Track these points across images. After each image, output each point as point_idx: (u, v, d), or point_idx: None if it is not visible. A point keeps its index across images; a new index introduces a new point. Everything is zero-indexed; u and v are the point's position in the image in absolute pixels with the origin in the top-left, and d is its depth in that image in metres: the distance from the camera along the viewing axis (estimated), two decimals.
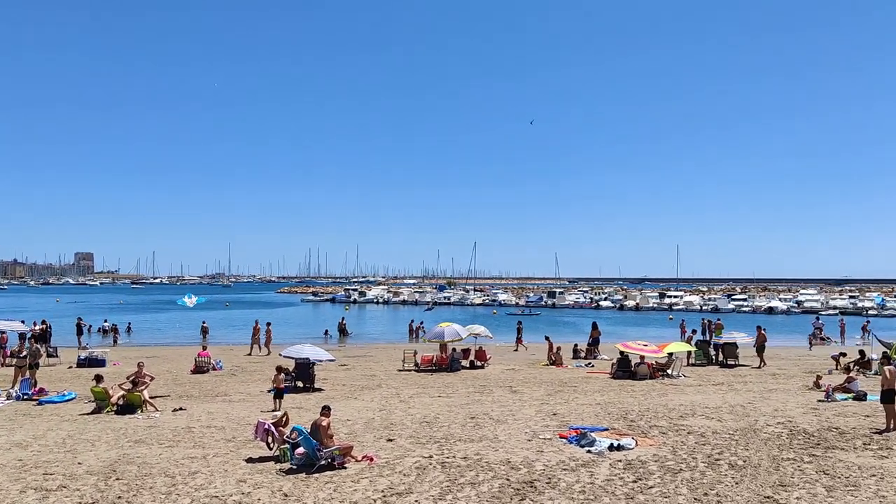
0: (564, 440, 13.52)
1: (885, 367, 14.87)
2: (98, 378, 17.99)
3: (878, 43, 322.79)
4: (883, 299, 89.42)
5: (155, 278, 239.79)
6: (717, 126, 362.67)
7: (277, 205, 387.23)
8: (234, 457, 12.30)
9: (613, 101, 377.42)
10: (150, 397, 17.82)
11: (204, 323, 43.85)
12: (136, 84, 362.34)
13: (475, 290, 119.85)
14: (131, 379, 18.27)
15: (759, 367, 26.79)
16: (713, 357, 29.08)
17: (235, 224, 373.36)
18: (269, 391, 20.81)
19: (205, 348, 28.66)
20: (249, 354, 32.68)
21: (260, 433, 12.59)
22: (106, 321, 46.97)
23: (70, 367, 27.35)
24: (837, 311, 74.51)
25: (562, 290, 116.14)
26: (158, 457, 12.30)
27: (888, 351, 25.94)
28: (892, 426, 14.28)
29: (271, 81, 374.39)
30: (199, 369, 25.89)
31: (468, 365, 27.61)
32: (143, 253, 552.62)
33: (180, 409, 17.55)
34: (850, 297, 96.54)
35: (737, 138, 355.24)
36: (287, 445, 11.94)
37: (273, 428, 12.54)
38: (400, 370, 26.55)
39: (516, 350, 36.20)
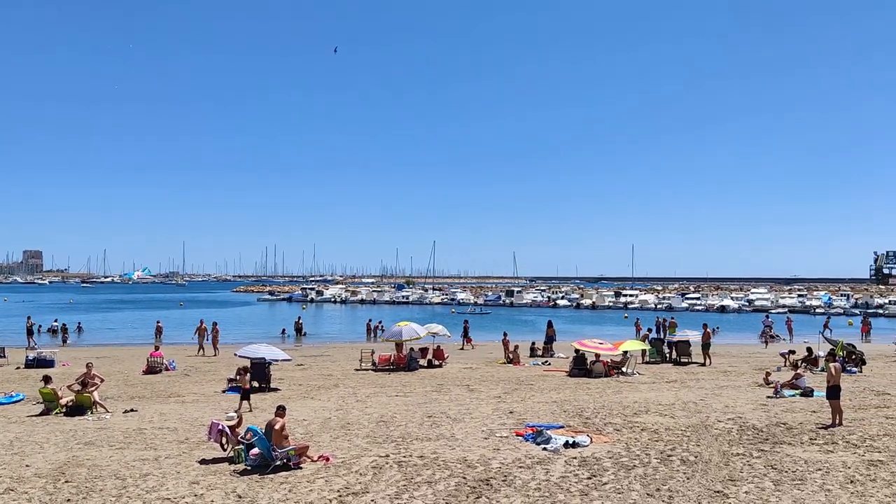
0: (521, 438, 13.63)
1: (831, 364, 15.33)
2: (46, 379, 17.56)
3: (820, 49, 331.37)
4: (830, 298, 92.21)
5: (106, 277, 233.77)
6: (673, 129, 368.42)
7: (233, 203, 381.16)
8: (187, 458, 12.13)
9: (573, 104, 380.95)
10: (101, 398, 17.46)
11: (158, 322, 43.04)
12: (88, 80, 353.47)
13: (434, 289, 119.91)
14: (80, 380, 17.89)
15: (705, 365, 27.32)
16: (667, 355, 29.58)
17: (190, 222, 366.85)
18: (223, 391, 20.60)
19: (157, 348, 28.14)
20: (201, 354, 32.06)
21: (214, 434, 12.43)
22: (56, 321, 45.78)
23: (18, 368, 26.62)
24: (787, 310, 76.32)
25: (520, 289, 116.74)
26: (109, 459, 12.07)
27: (834, 348, 26.77)
28: (837, 421, 14.71)
29: (227, 79, 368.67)
30: (151, 370, 25.40)
31: (426, 364, 27.61)
32: (94, 251, 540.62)
33: (131, 410, 17.22)
34: (799, 295, 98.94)
35: (690, 142, 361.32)
36: (241, 446, 11.81)
37: (227, 428, 12.39)
38: (357, 369, 26.44)
39: (462, 348, 36.18)
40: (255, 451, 11.56)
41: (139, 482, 10.57)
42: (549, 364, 28.48)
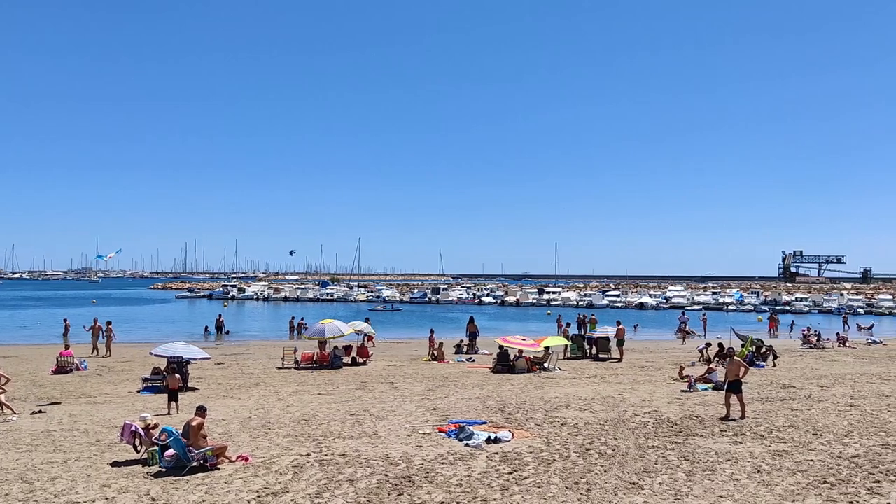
0: (443, 434, 13.69)
1: (736, 359, 15.99)
2: None
3: (719, 60, 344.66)
4: (741, 295, 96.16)
5: (14, 273, 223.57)
6: (595, 137, 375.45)
7: (151, 198, 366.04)
8: (98, 461, 11.70)
9: (496, 111, 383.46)
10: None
11: (66, 320, 41.27)
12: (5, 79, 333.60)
13: (359, 286, 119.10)
14: None
15: (619, 360, 28.03)
16: (587, 351, 30.22)
17: (103, 217, 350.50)
18: (138, 391, 19.98)
19: (68, 347, 27.02)
20: (95, 354, 30.33)
21: (126, 435, 12.03)
22: None
23: None
24: (702, 307, 79.14)
25: (446, 286, 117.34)
26: (15, 462, 11.54)
27: (744, 343, 27.91)
28: (741, 414, 15.32)
29: (146, 79, 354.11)
30: (61, 369, 24.38)
31: (350, 362, 27.43)
32: (2, 246, 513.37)
33: (40, 411, 16.50)
34: (713, 293, 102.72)
35: (613, 149, 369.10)
36: (156, 447, 11.46)
37: (140, 430, 12.00)
38: (279, 368, 26.03)
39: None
40: (171, 452, 11.23)
41: (47, 486, 10.14)
42: (474, 360, 28.70)
